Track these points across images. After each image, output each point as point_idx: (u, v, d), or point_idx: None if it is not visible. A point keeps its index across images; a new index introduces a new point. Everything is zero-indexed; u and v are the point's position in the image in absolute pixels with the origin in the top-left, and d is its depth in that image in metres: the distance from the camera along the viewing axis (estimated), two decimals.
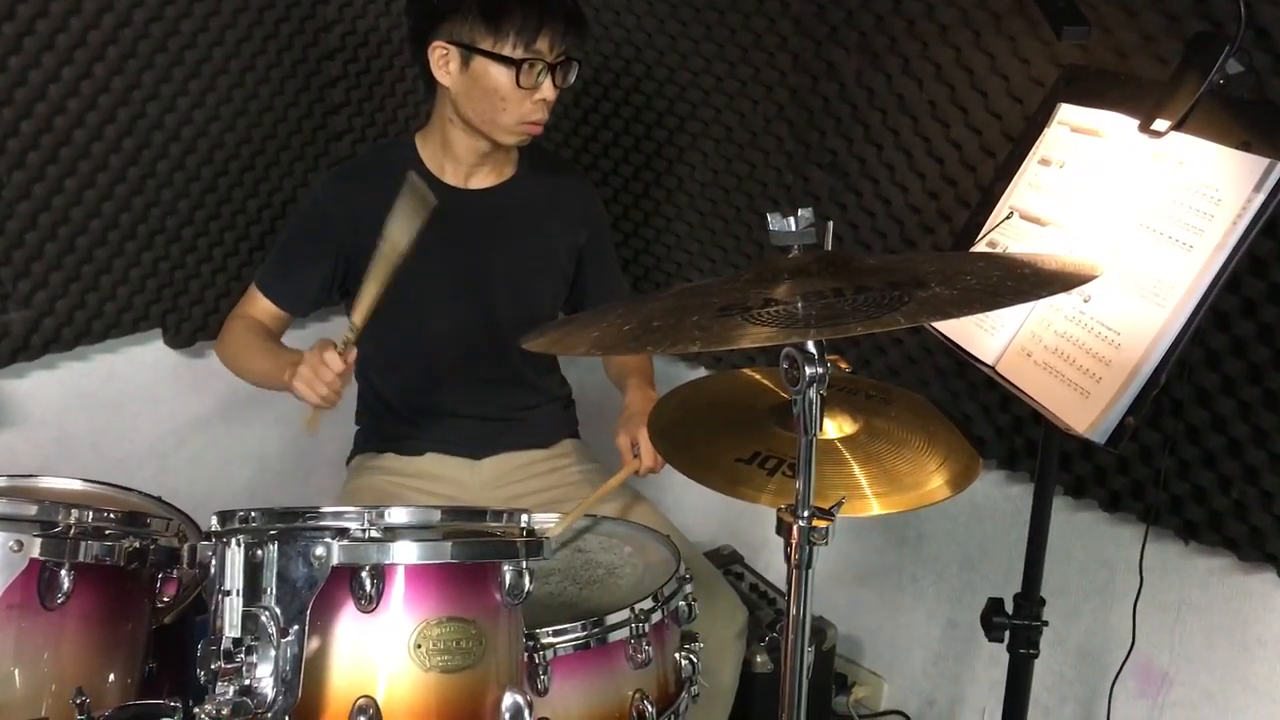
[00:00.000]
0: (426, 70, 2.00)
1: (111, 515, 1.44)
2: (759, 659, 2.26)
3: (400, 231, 1.70)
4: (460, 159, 2.09)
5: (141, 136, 2.33)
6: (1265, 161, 1.41)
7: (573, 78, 2.02)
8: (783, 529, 1.36)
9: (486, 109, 1.98)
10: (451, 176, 2.11)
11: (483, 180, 2.13)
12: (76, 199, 2.28)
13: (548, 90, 1.97)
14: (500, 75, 1.94)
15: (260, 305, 2.12)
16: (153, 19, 2.27)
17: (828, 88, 2.28)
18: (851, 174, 2.30)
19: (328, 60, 2.58)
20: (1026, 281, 1.27)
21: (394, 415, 2.24)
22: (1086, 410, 1.50)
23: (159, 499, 1.82)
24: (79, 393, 2.46)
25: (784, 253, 1.34)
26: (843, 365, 1.38)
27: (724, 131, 2.51)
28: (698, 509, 2.73)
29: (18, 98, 2.15)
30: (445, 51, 1.96)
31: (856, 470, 1.52)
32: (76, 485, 1.77)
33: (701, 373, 2.76)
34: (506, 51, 1.92)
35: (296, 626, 1.21)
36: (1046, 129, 1.78)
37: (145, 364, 2.54)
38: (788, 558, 1.36)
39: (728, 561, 2.63)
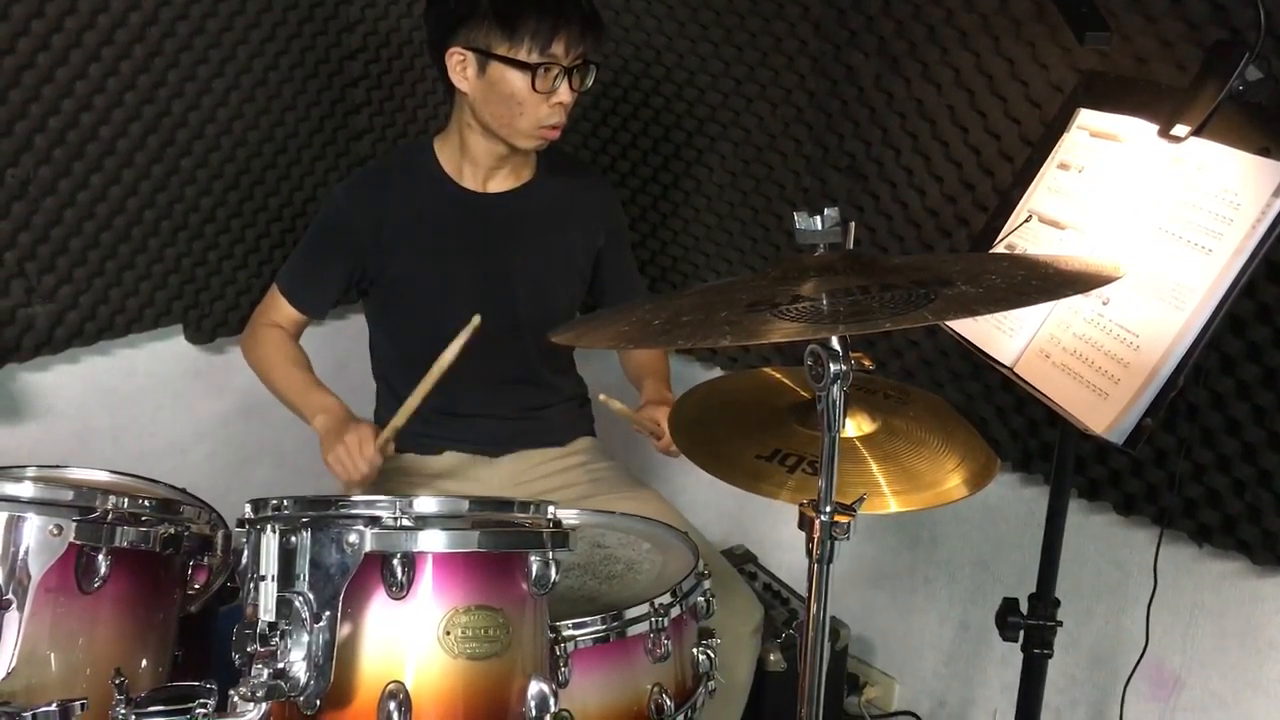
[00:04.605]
0: (445, 76, 2.01)
1: (146, 502, 1.47)
2: (773, 657, 2.28)
3: (452, 358, 1.88)
4: (478, 162, 2.11)
5: (166, 133, 2.36)
6: None
7: (590, 81, 2.03)
8: (804, 524, 1.37)
9: (503, 114, 1.99)
10: (469, 180, 2.13)
11: (501, 183, 2.15)
12: (101, 195, 2.31)
13: (564, 94, 1.98)
14: (516, 80, 1.95)
15: (283, 309, 2.16)
16: (179, 17, 2.30)
17: (847, 91, 2.30)
18: (870, 177, 2.32)
19: (350, 60, 2.61)
20: (1050, 281, 1.29)
21: (413, 415, 2.25)
22: (1104, 411, 1.51)
23: (183, 490, 1.83)
24: (100, 387, 2.48)
25: (807, 251, 1.36)
26: (866, 363, 1.39)
27: (743, 134, 2.53)
28: (712, 508, 2.75)
29: (45, 94, 2.17)
30: (463, 57, 1.98)
31: (875, 469, 1.53)
32: (104, 476, 1.78)
33: (718, 372, 2.78)
34: (522, 56, 1.93)
35: (329, 612, 1.24)
36: (1065, 134, 1.79)
37: (166, 359, 2.56)
38: (809, 552, 1.37)
39: (742, 560, 2.64)
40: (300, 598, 1.23)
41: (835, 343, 1.27)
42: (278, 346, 2.14)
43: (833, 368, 1.27)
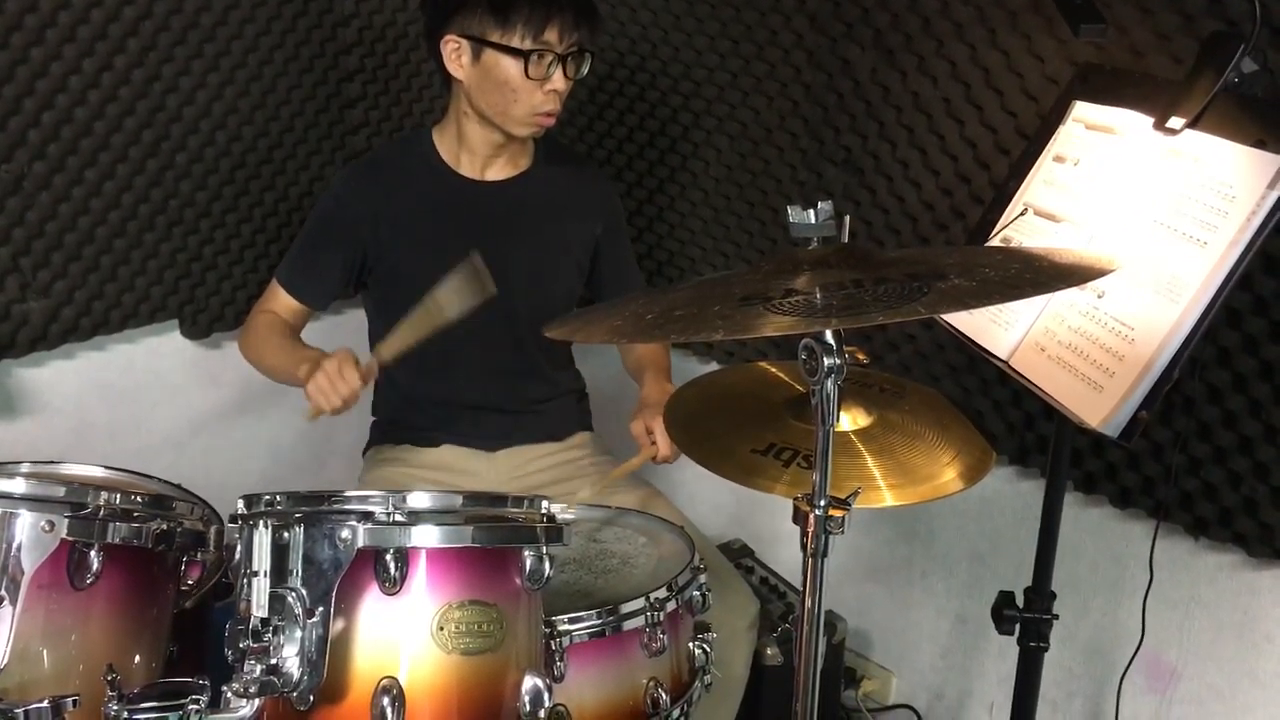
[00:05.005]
0: (441, 64, 2.02)
1: (139, 498, 1.47)
2: (770, 651, 2.27)
3: (450, 303, 1.80)
4: (475, 151, 2.11)
5: (160, 128, 2.35)
6: (1279, 159, 1.42)
7: (585, 69, 2.03)
8: (799, 518, 1.37)
9: (498, 101, 1.99)
10: (467, 169, 2.13)
11: (498, 172, 2.15)
12: (96, 190, 2.30)
13: (558, 81, 1.99)
14: (510, 67, 1.95)
15: (282, 300, 2.15)
16: (173, 11, 2.29)
17: (843, 84, 2.30)
18: (866, 170, 2.32)
19: (344, 54, 2.60)
20: (1044, 274, 1.29)
21: (410, 407, 2.26)
22: (1100, 404, 1.51)
23: (179, 486, 1.83)
24: (97, 382, 2.48)
25: (802, 245, 1.35)
26: (860, 356, 1.39)
27: (739, 127, 2.53)
28: (709, 503, 2.75)
29: (39, 89, 2.17)
30: (457, 45, 1.98)
31: (870, 462, 1.53)
32: (99, 472, 1.78)
33: (714, 367, 2.77)
34: (515, 43, 1.94)
35: (322, 608, 1.24)
36: (1061, 126, 1.79)
37: (162, 354, 2.56)
38: (804, 546, 1.37)
39: (738, 555, 2.64)
40: (293, 593, 1.24)
41: (829, 337, 1.26)
42: (270, 326, 2.12)
43: (826, 362, 1.26)
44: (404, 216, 2.11)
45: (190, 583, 1.55)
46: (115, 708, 1.25)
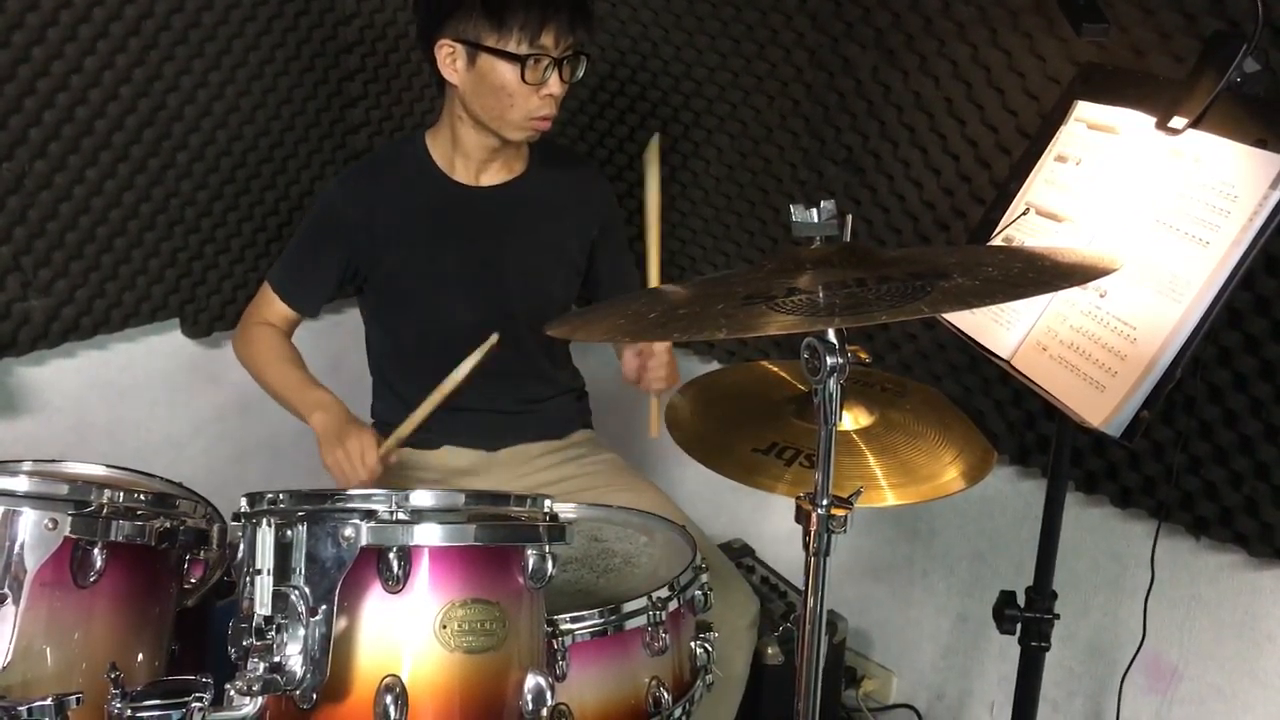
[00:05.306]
0: (435, 69, 2.01)
1: (142, 496, 1.47)
2: (770, 650, 2.28)
3: (463, 372, 1.87)
4: (470, 156, 2.10)
5: (162, 128, 2.36)
6: None
7: (581, 72, 2.03)
8: (801, 517, 1.37)
9: (494, 106, 1.98)
10: (462, 174, 2.12)
11: (493, 177, 2.15)
12: (97, 189, 2.30)
13: (555, 85, 1.98)
14: (506, 71, 1.94)
15: (275, 307, 2.14)
16: (175, 10, 2.30)
17: (844, 84, 2.30)
18: (867, 170, 2.32)
19: (346, 54, 2.60)
20: (1047, 273, 1.29)
21: (409, 410, 2.25)
22: (1102, 404, 1.51)
23: (180, 484, 1.83)
24: (97, 381, 2.48)
25: (804, 244, 1.35)
26: (862, 356, 1.39)
27: (739, 127, 2.53)
28: (709, 502, 2.75)
29: (40, 88, 2.17)
30: (452, 49, 1.97)
31: (872, 461, 1.53)
32: (100, 470, 1.78)
33: (714, 366, 2.77)
34: (511, 47, 1.93)
35: (325, 606, 1.24)
36: (1063, 126, 1.79)
37: (163, 353, 2.56)
38: (806, 545, 1.37)
39: (739, 554, 2.64)
40: (296, 592, 1.23)
41: (832, 335, 1.26)
42: (270, 344, 2.12)
43: (829, 361, 1.26)
44: (398, 222, 2.10)
45: (193, 581, 1.55)
46: (118, 705, 1.24)
